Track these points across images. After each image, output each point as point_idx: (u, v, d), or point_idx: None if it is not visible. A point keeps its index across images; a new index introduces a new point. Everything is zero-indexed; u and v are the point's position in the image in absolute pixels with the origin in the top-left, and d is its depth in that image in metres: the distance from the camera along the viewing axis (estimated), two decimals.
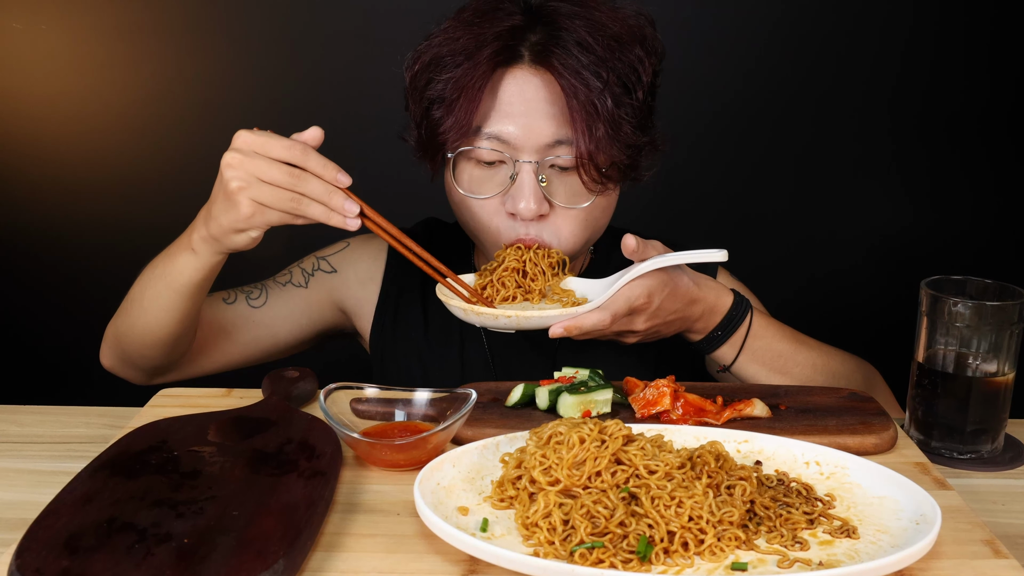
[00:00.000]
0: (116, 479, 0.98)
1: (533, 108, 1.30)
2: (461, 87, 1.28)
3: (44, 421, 1.31)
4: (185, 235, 1.30)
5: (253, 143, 1.17)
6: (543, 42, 1.30)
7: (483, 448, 1.06)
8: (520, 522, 0.93)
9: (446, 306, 1.28)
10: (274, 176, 1.16)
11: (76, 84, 2.44)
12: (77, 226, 2.51)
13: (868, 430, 1.16)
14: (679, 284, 1.29)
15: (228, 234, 1.21)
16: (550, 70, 1.29)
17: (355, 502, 1.02)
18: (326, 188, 1.18)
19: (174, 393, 1.31)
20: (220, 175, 1.18)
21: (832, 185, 2.50)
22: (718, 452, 0.99)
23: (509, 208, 1.33)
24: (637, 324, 1.28)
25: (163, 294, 1.31)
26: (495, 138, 1.31)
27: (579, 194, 1.34)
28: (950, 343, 1.21)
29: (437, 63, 1.31)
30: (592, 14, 1.31)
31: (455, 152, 1.33)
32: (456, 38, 1.31)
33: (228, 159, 1.17)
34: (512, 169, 1.31)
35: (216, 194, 1.21)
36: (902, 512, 0.97)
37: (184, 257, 1.28)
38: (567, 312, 1.23)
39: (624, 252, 1.25)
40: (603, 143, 1.28)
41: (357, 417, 1.15)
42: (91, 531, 0.88)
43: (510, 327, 1.25)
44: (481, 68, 1.28)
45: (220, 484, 0.97)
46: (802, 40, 2.42)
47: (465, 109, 1.29)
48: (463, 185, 1.35)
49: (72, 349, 2.52)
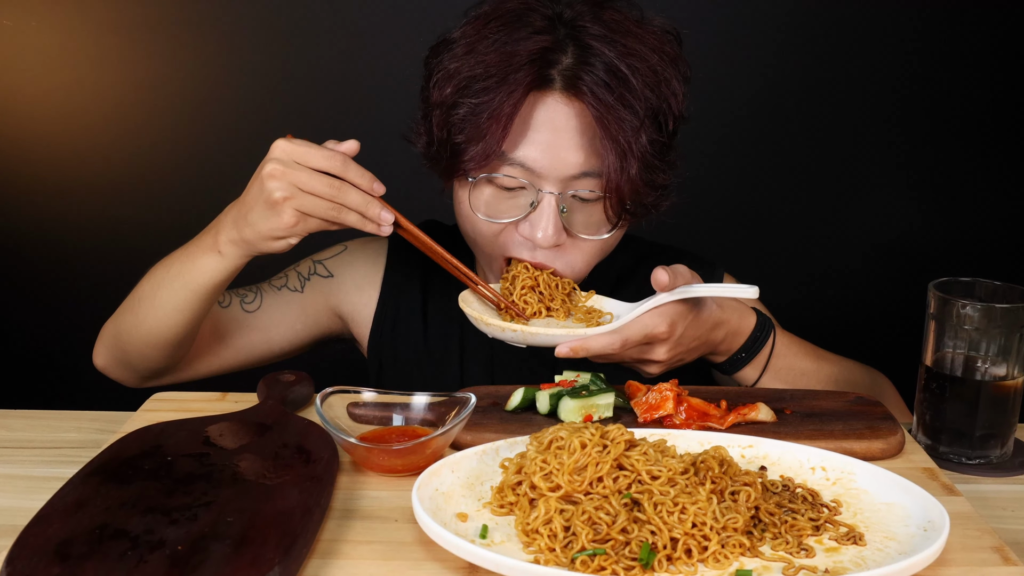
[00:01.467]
0: (108, 485, 0.98)
1: (562, 138, 1.27)
2: (490, 114, 1.25)
3: (34, 425, 1.31)
4: (207, 236, 1.30)
5: (293, 153, 1.19)
6: (574, 68, 1.26)
7: (482, 453, 1.06)
8: (520, 529, 0.93)
9: (466, 314, 1.29)
10: (316, 187, 1.18)
11: (67, 81, 2.44)
12: (67, 226, 2.51)
13: (875, 435, 1.16)
14: (702, 310, 1.27)
15: (265, 240, 1.23)
16: (582, 99, 1.26)
17: (352, 508, 1.02)
18: (364, 198, 1.21)
19: (168, 397, 1.31)
20: (261, 184, 1.19)
21: (838, 185, 2.51)
22: (722, 457, 0.99)
23: (526, 233, 1.31)
24: (659, 354, 1.26)
25: (179, 294, 1.32)
26: (519, 165, 1.28)
27: (599, 224, 1.33)
28: (958, 346, 1.21)
29: (466, 85, 1.27)
30: (627, 41, 1.27)
31: (477, 177, 1.31)
32: (484, 57, 1.26)
33: (270, 170, 1.19)
34: (533, 196, 1.29)
35: (254, 201, 1.21)
36: (910, 518, 0.97)
37: (208, 258, 1.28)
38: (575, 333, 1.22)
39: (655, 287, 1.22)
40: (633, 180, 1.26)
41: (354, 421, 1.15)
42: (82, 538, 0.88)
43: (518, 341, 1.25)
44: (514, 96, 1.25)
45: (214, 490, 0.97)
46: (809, 39, 2.42)
47: (493, 137, 1.26)
48: (480, 208, 1.33)
49: (63, 351, 2.53)
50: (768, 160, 2.49)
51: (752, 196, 2.51)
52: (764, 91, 2.43)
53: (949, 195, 2.51)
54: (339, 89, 2.43)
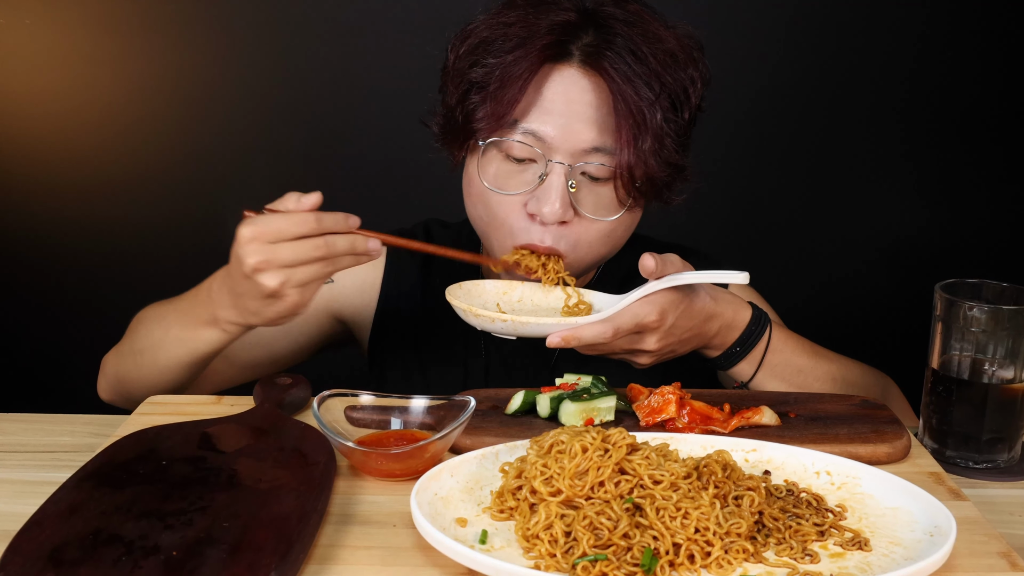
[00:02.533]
0: (102, 490, 0.98)
1: (576, 110, 1.29)
2: (506, 76, 1.28)
3: (27, 429, 1.31)
4: (203, 308, 1.27)
5: (266, 233, 1.15)
6: (595, 44, 1.29)
7: (482, 457, 1.06)
8: (520, 534, 0.93)
9: (452, 305, 1.28)
10: (304, 256, 1.16)
11: (61, 80, 2.44)
12: (57, 227, 2.51)
13: (880, 439, 1.16)
14: (695, 300, 1.27)
15: (276, 322, 1.22)
16: (600, 73, 1.28)
17: (349, 513, 1.02)
18: (349, 240, 1.18)
19: (162, 401, 1.31)
20: (251, 279, 1.16)
21: (842, 186, 2.51)
22: (725, 461, 0.99)
23: (532, 208, 1.31)
24: (649, 344, 1.26)
25: (182, 358, 1.31)
26: (531, 134, 1.29)
27: (608, 207, 1.33)
28: (965, 348, 1.21)
29: (485, 46, 1.31)
30: (647, 27, 1.31)
31: (486, 141, 1.32)
32: (508, 24, 1.30)
33: (255, 264, 1.14)
34: (543, 169, 1.30)
35: (249, 295, 1.18)
36: (916, 524, 0.97)
37: (210, 332, 1.27)
38: (566, 322, 1.22)
39: (642, 272, 1.23)
40: (646, 156, 1.28)
41: (352, 425, 1.15)
42: (76, 543, 0.88)
43: (507, 332, 1.25)
44: (530, 59, 1.28)
45: (209, 495, 0.97)
46: (813, 40, 2.42)
47: (506, 99, 1.28)
48: (488, 178, 1.33)
49: (56, 354, 2.53)
50: (768, 161, 2.49)
51: (756, 197, 2.51)
52: (768, 92, 2.43)
53: (955, 194, 2.51)
54: (337, 89, 2.43)
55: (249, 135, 2.46)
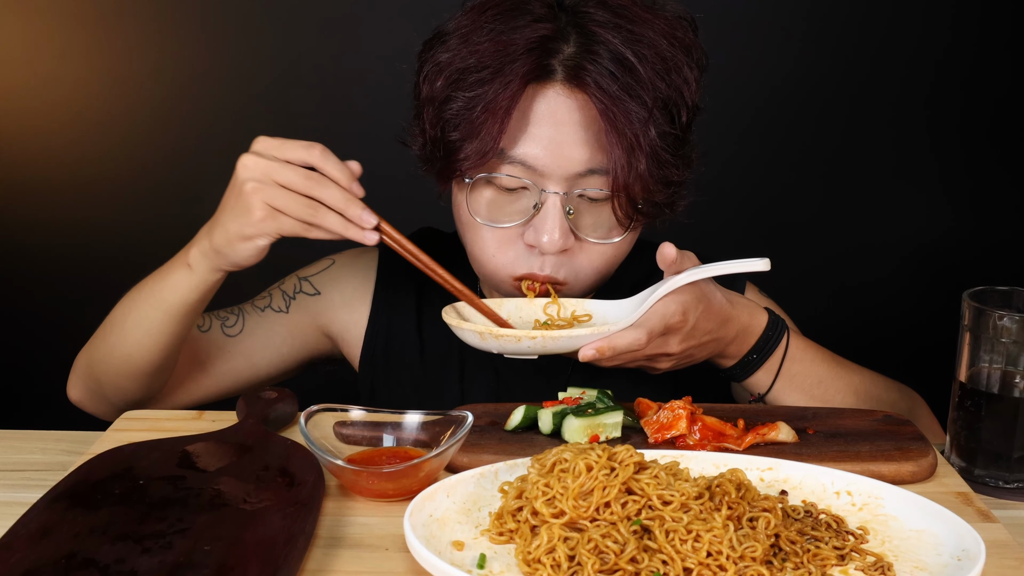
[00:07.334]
0: (76, 510, 0.98)
1: (565, 133, 1.27)
2: (488, 108, 1.25)
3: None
4: (181, 254, 1.31)
5: (271, 145, 1.21)
6: (578, 56, 1.26)
7: (480, 476, 1.06)
8: (521, 558, 0.94)
9: (456, 332, 1.26)
10: (290, 178, 1.18)
11: (31, 76, 2.45)
12: (31, 230, 2.51)
13: (905, 456, 1.16)
14: (713, 301, 1.26)
15: (234, 243, 1.22)
16: (585, 91, 1.26)
17: (339, 536, 1.02)
18: (344, 196, 1.20)
19: (139, 416, 1.31)
20: (234, 177, 1.21)
21: (865, 189, 2.51)
22: (739, 481, 1.00)
23: (529, 239, 1.30)
24: (672, 346, 1.25)
25: (150, 315, 1.32)
26: (520, 163, 1.27)
27: (609, 228, 1.32)
28: (995, 360, 1.21)
29: (459, 78, 1.27)
30: (633, 26, 1.27)
31: (474, 179, 1.30)
32: (479, 47, 1.26)
33: (244, 160, 1.20)
34: (536, 197, 1.29)
35: (227, 199, 1.23)
36: (942, 547, 0.97)
37: (178, 274, 1.29)
38: (598, 332, 1.20)
39: (660, 263, 1.22)
40: (643, 178, 1.26)
41: (341, 442, 1.15)
42: (48, 567, 0.88)
43: (534, 351, 1.22)
44: (511, 88, 1.24)
45: (190, 516, 0.97)
46: (832, 30, 2.43)
47: (489, 134, 1.25)
48: (480, 212, 1.32)
49: (27, 367, 2.53)
50: (789, 163, 2.50)
51: (773, 199, 2.51)
52: (784, 87, 2.44)
53: (983, 196, 2.51)
54: (325, 86, 2.43)
55: (233, 134, 2.43)
